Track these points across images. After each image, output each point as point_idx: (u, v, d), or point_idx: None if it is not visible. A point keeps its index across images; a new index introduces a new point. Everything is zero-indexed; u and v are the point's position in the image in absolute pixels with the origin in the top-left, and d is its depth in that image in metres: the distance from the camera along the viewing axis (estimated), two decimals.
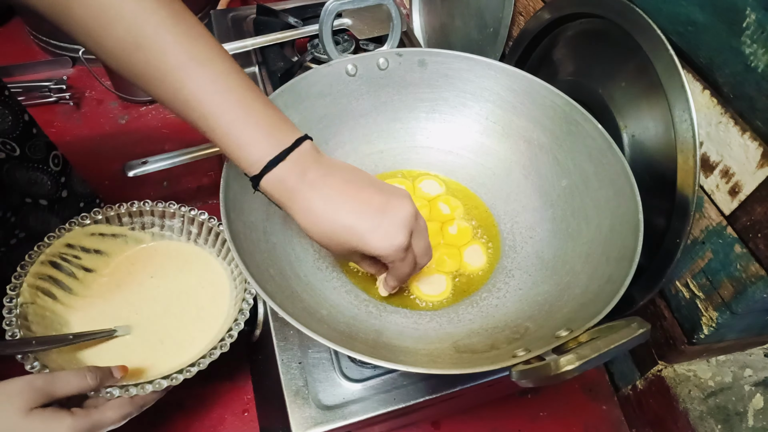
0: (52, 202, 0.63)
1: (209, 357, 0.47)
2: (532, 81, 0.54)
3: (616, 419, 0.64)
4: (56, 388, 0.40)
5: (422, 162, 0.60)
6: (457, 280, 0.52)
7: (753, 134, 0.40)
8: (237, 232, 0.42)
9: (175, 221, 0.58)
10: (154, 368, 0.49)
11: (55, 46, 1.03)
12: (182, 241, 0.59)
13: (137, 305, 0.54)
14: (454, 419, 0.62)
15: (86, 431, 0.41)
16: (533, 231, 0.54)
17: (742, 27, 0.39)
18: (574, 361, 0.31)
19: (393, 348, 0.43)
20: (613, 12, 0.50)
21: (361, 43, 0.78)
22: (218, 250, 0.57)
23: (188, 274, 0.57)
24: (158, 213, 0.57)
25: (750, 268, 0.43)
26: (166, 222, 0.58)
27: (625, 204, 0.45)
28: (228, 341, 0.48)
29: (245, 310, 0.50)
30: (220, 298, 0.55)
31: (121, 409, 0.43)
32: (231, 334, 0.48)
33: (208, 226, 0.57)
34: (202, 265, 0.57)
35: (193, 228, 0.58)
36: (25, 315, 0.48)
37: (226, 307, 0.54)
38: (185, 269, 0.57)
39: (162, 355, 0.51)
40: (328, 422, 0.46)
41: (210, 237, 0.57)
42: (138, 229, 0.58)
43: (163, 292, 0.55)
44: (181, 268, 0.57)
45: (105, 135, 0.94)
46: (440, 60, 0.56)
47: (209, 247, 0.58)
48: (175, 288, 0.56)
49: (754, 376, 0.56)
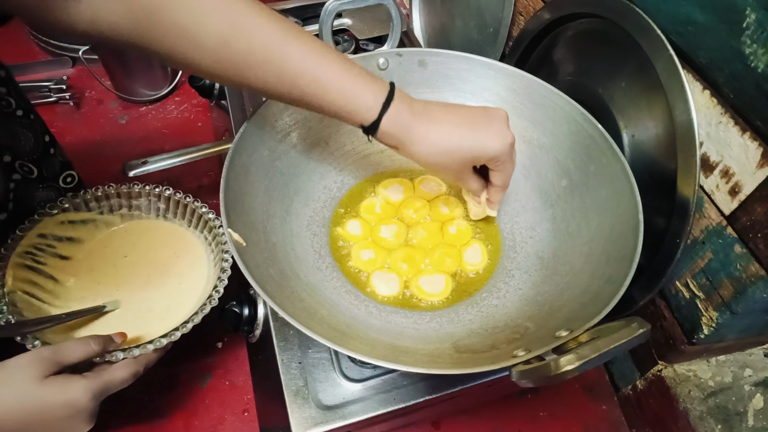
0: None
1: (201, 312, 0.50)
2: (532, 81, 0.54)
3: (616, 419, 0.64)
4: (64, 356, 0.43)
5: None
6: (457, 280, 0.52)
7: (753, 134, 0.40)
8: (237, 231, 0.42)
9: (142, 200, 0.60)
10: (149, 335, 0.51)
11: (55, 46, 1.03)
12: (152, 218, 0.61)
13: (119, 283, 0.57)
14: (454, 419, 0.62)
15: (99, 389, 0.44)
16: (533, 231, 0.54)
17: (742, 27, 0.39)
18: (574, 361, 0.31)
19: (393, 348, 0.43)
20: (613, 12, 0.50)
21: (361, 43, 0.78)
22: (188, 221, 0.60)
23: (163, 248, 0.60)
24: (124, 194, 0.60)
25: (750, 268, 0.43)
26: (133, 202, 0.60)
27: (625, 204, 0.45)
28: (216, 296, 0.51)
29: (227, 268, 0.52)
30: (198, 264, 0.58)
31: (128, 368, 0.46)
32: (218, 290, 0.51)
33: (175, 199, 0.59)
34: (175, 237, 0.61)
35: (161, 204, 0.61)
36: (14, 302, 0.50)
37: (206, 270, 0.57)
38: (159, 244, 0.60)
39: (154, 322, 0.53)
40: (328, 422, 0.46)
41: (179, 210, 0.60)
42: (107, 213, 0.60)
43: (143, 267, 0.58)
44: (155, 243, 0.60)
45: (105, 135, 0.94)
46: (440, 60, 0.56)
47: (179, 220, 0.61)
48: (153, 261, 0.59)
49: (754, 376, 0.56)
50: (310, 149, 0.56)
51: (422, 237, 0.54)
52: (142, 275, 0.57)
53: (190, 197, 0.60)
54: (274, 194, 0.51)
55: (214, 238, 0.57)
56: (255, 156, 0.50)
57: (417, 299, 0.50)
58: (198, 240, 0.60)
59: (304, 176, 0.55)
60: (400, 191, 0.58)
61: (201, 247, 0.60)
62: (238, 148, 0.47)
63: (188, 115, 0.99)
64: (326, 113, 0.43)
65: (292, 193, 0.53)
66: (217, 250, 0.56)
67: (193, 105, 1.00)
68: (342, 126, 0.57)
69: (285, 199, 0.52)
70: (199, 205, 0.59)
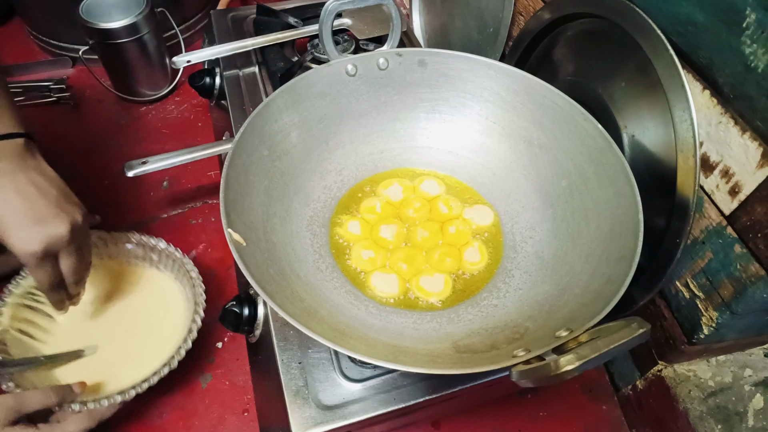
0: None
1: (158, 374, 0.54)
2: (532, 81, 0.54)
3: (616, 419, 0.64)
4: (24, 406, 0.46)
5: (422, 162, 0.60)
6: (458, 280, 0.52)
7: (753, 134, 0.40)
8: (237, 231, 0.42)
9: (137, 248, 0.65)
10: (116, 382, 0.55)
11: (55, 46, 1.03)
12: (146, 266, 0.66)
13: (101, 326, 0.61)
14: (454, 419, 0.62)
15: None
16: (533, 231, 0.54)
17: (742, 27, 0.39)
18: (574, 361, 0.31)
19: (393, 348, 0.43)
20: (613, 12, 0.50)
21: (361, 43, 0.78)
22: (175, 272, 0.64)
23: (143, 296, 0.64)
24: (111, 240, 0.64)
25: (750, 268, 0.43)
26: (126, 247, 0.65)
27: (625, 204, 0.45)
28: (176, 359, 0.55)
29: (194, 330, 0.56)
30: (174, 317, 0.61)
31: (81, 423, 0.49)
32: (180, 353, 0.55)
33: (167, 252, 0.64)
34: (161, 287, 0.65)
35: (153, 255, 0.65)
36: (3, 341, 0.55)
37: (181, 325, 0.60)
38: (142, 291, 0.65)
39: (123, 370, 0.56)
40: (328, 422, 0.46)
41: (168, 261, 0.64)
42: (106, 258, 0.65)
43: (124, 313, 0.63)
44: (139, 290, 0.65)
45: (105, 135, 0.94)
46: (440, 60, 0.56)
47: (168, 272, 0.65)
48: (134, 309, 0.63)
49: (754, 376, 0.56)
50: (310, 149, 0.56)
51: (422, 237, 0.54)
52: (123, 321, 0.62)
53: (179, 252, 0.64)
54: (274, 194, 0.51)
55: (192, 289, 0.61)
56: (255, 156, 0.50)
57: (417, 299, 0.50)
58: (179, 292, 0.64)
59: (304, 176, 0.55)
60: (400, 191, 0.58)
61: (182, 299, 0.63)
62: (238, 148, 0.47)
63: (188, 115, 0.99)
64: None
65: (292, 193, 0.53)
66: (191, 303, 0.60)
67: (193, 105, 1.00)
68: (342, 126, 0.57)
69: (285, 199, 0.52)
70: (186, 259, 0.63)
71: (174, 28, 0.98)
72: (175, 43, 1.01)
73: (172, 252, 0.64)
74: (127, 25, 0.86)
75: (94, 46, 0.90)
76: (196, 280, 0.61)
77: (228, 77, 0.76)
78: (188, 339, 0.56)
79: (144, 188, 0.87)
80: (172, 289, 0.64)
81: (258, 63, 0.78)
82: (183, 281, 0.63)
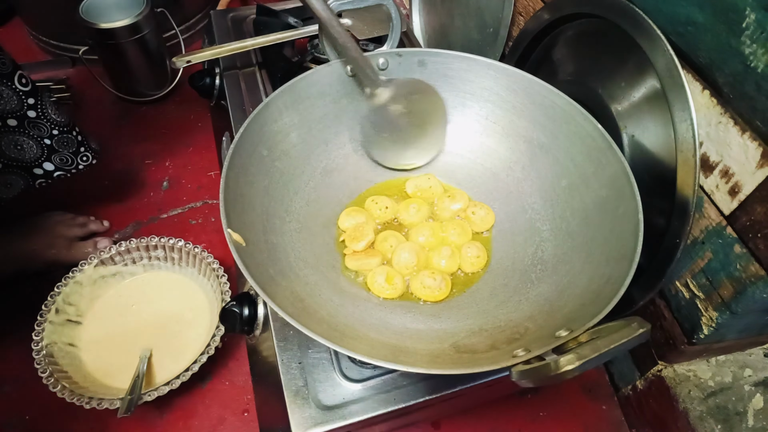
0: (21, 120, 0.63)
1: (198, 362, 0.59)
2: (532, 81, 0.54)
3: (616, 419, 0.64)
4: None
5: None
6: (457, 280, 0.52)
7: (753, 134, 0.40)
8: (237, 231, 0.42)
9: (159, 251, 0.70)
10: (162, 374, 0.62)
11: (55, 46, 1.03)
12: (168, 270, 0.71)
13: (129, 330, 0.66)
14: (454, 419, 0.62)
15: None
16: (533, 231, 0.54)
17: (741, 27, 0.39)
18: (574, 361, 0.31)
19: (393, 348, 0.43)
20: (613, 12, 0.50)
21: (361, 44, 0.78)
22: (198, 269, 0.69)
23: (171, 300, 0.69)
24: (143, 248, 0.69)
25: (750, 268, 0.43)
26: (151, 254, 0.70)
27: (625, 204, 0.45)
28: (213, 345, 0.60)
29: (221, 327, 0.61)
30: (201, 315, 0.67)
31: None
32: (215, 339, 0.60)
33: (186, 250, 0.69)
34: (184, 288, 0.70)
35: (174, 255, 0.70)
36: (51, 353, 0.59)
37: (208, 322, 0.66)
38: (169, 293, 0.69)
39: (166, 363, 0.63)
40: (328, 422, 0.46)
41: (190, 260, 0.69)
42: (130, 264, 0.70)
43: (153, 316, 0.68)
44: (165, 293, 0.69)
45: (105, 135, 0.94)
46: (440, 60, 0.56)
47: (191, 268, 0.70)
48: (161, 310, 0.68)
49: (754, 376, 0.56)
50: (310, 149, 0.56)
51: (422, 237, 0.54)
52: (151, 324, 0.67)
53: (199, 247, 0.68)
54: (274, 194, 0.51)
55: (218, 286, 0.65)
56: (255, 156, 0.50)
57: (417, 298, 0.50)
58: (204, 292, 0.69)
59: (304, 176, 0.55)
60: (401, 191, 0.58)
61: (205, 299, 0.68)
62: (238, 148, 0.47)
63: (188, 115, 0.99)
64: None
65: (292, 193, 0.53)
66: (218, 300, 0.64)
67: (193, 105, 1.00)
68: (342, 126, 0.57)
69: (285, 199, 0.52)
70: (206, 255, 0.67)
71: (174, 28, 0.98)
72: (175, 43, 1.01)
73: (191, 249, 0.68)
74: (127, 25, 0.86)
75: (94, 46, 0.90)
76: (218, 271, 0.66)
77: (228, 77, 0.76)
78: (220, 326, 0.60)
79: (144, 188, 0.87)
80: (195, 286, 0.70)
81: (258, 63, 0.78)
82: (205, 277, 0.68)
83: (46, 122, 0.66)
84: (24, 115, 0.63)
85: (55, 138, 0.66)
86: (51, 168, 0.68)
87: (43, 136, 0.65)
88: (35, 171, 0.68)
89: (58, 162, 0.68)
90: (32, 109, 0.64)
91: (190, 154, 0.93)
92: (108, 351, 0.63)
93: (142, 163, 0.90)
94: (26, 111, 0.63)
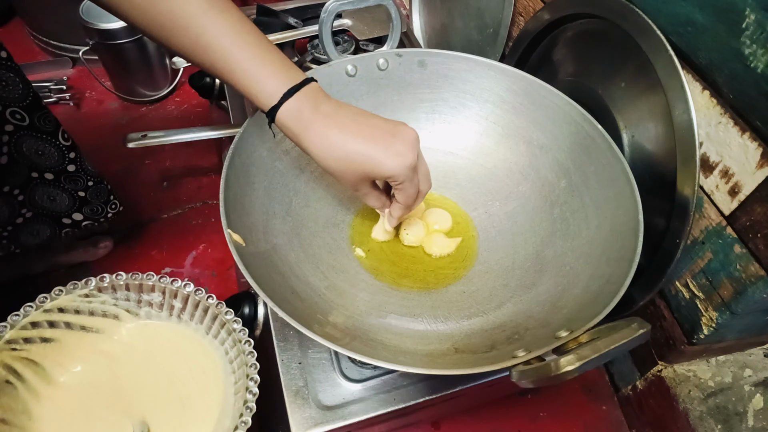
0: (58, 174, 0.63)
1: None
2: (532, 81, 0.54)
3: (616, 419, 0.64)
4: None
5: None
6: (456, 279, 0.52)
7: (753, 134, 0.40)
8: (237, 232, 0.42)
9: (155, 295, 0.47)
10: None
11: (55, 46, 1.04)
12: (164, 320, 0.48)
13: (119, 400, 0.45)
14: (454, 419, 0.62)
15: None
16: (533, 231, 0.54)
17: (741, 27, 0.39)
18: (574, 362, 0.31)
19: (393, 348, 0.43)
20: (613, 12, 0.50)
21: (361, 44, 0.78)
22: (207, 327, 0.47)
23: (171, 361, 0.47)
24: (134, 287, 0.46)
25: (750, 268, 0.43)
26: (143, 297, 0.47)
27: (625, 204, 0.45)
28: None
29: (250, 402, 0.40)
30: (212, 388, 0.45)
31: None
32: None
33: (195, 299, 0.46)
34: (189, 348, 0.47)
35: (176, 302, 0.47)
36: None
37: (222, 397, 0.45)
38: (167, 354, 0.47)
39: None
40: (328, 422, 0.46)
41: (197, 312, 0.47)
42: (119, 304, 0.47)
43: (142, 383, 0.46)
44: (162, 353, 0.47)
45: (105, 135, 0.94)
46: (440, 60, 0.56)
47: (196, 324, 0.47)
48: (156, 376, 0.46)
49: (754, 376, 0.56)
50: None
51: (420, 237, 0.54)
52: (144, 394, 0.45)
53: (213, 298, 0.46)
54: (274, 194, 0.51)
55: (238, 356, 0.44)
56: (255, 156, 0.50)
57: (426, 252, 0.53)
58: (217, 355, 0.46)
59: (304, 177, 0.55)
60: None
61: (219, 365, 0.46)
62: (238, 148, 0.47)
63: (188, 115, 0.99)
64: (237, 90, 0.43)
65: (292, 194, 0.53)
66: (241, 373, 0.42)
67: (193, 105, 1.00)
68: None
69: (285, 199, 0.52)
70: (224, 310, 0.45)
71: None
72: None
73: (202, 298, 0.46)
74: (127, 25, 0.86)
75: (95, 47, 0.90)
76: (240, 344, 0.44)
77: None
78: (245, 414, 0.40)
79: (144, 188, 0.87)
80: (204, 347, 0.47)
81: None
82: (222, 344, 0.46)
83: (84, 174, 0.66)
84: (63, 170, 0.64)
85: (90, 189, 0.66)
86: (80, 218, 0.69)
87: (78, 189, 0.65)
88: (64, 221, 0.67)
89: (88, 212, 0.69)
90: (72, 163, 0.64)
91: (190, 155, 0.93)
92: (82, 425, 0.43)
93: (142, 164, 0.90)
94: (66, 165, 0.64)
